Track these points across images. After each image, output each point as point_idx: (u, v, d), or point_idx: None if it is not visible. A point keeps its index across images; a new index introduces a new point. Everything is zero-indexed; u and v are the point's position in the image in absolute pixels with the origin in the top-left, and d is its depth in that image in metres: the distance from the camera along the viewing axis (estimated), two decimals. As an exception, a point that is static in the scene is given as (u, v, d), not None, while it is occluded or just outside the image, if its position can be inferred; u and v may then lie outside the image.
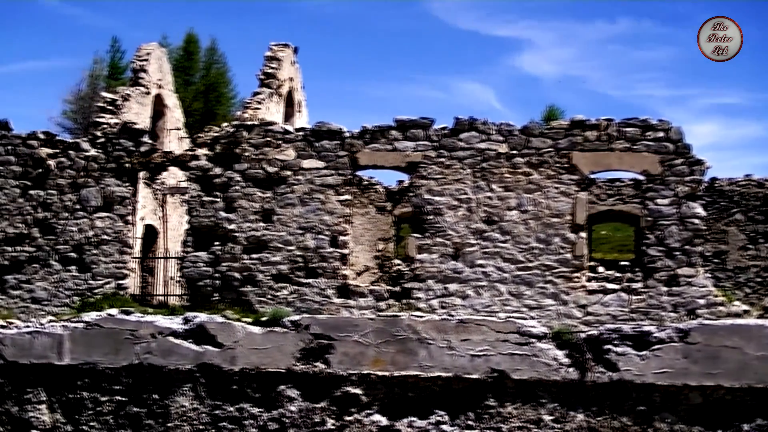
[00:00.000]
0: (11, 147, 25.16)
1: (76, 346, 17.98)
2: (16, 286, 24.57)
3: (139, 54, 36.09)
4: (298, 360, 17.09)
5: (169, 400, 17.46)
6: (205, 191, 24.45)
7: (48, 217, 24.75)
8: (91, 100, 48.73)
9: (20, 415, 18.00)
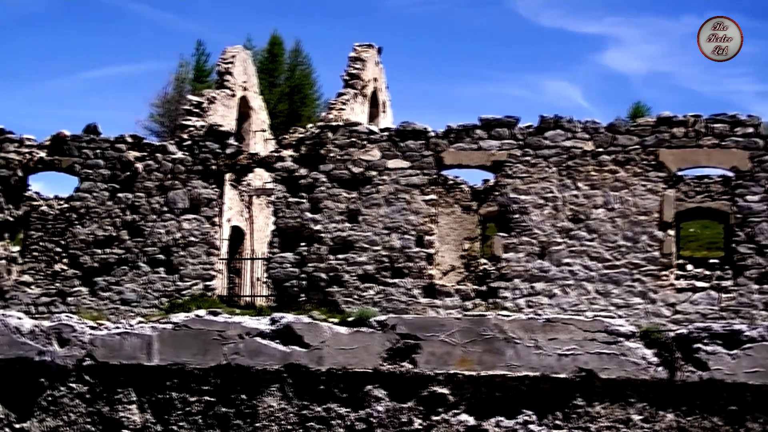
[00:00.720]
0: (100, 150, 25.48)
1: (165, 347, 18.16)
2: (106, 287, 24.87)
3: (224, 57, 36.39)
4: (384, 360, 17.08)
5: (256, 401, 17.56)
6: (291, 192, 24.55)
7: (136, 219, 25.02)
8: (177, 103, 49.23)
9: (111, 415, 18.22)
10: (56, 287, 25.36)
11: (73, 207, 25.68)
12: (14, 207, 26.06)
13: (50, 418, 18.59)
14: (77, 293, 24.98)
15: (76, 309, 24.06)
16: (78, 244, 25.28)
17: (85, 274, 25.09)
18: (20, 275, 26.28)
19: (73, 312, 22.36)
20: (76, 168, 25.51)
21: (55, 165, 25.88)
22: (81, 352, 18.60)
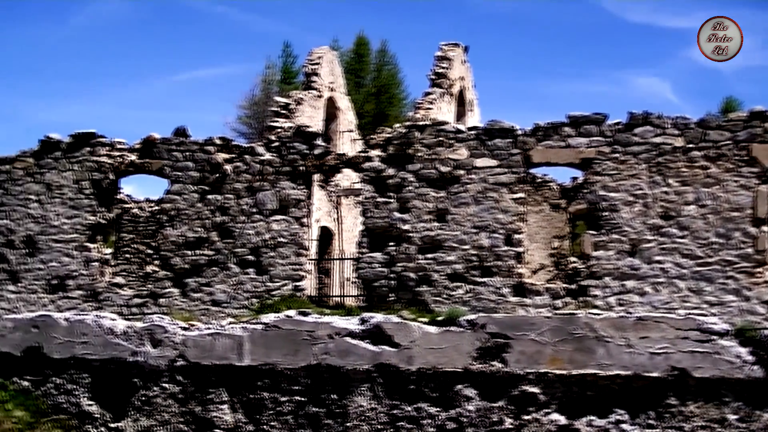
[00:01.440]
0: (189, 153, 25.74)
1: (256, 347, 18.28)
2: (197, 288, 25.11)
3: (311, 58, 36.57)
4: (474, 359, 17.03)
5: (347, 400, 17.60)
6: (379, 192, 24.57)
7: (226, 221, 25.23)
8: (264, 104, 49.55)
9: (203, 415, 18.40)
10: (148, 288, 25.68)
11: (164, 209, 25.97)
12: (106, 210, 26.44)
13: (144, 417, 18.82)
14: (169, 294, 25.26)
15: (167, 310, 24.35)
16: (169, 245, 25.57)
17: (176, 276, 25.37)
18: (113, 277, 26.65)
19: (165, 313, 22.64)
20: (166, 170, 25.81)
21: (145, 168, 26.20)
22: (173, 352, 18.82)
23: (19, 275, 26.30)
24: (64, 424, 19.28)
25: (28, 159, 26.77)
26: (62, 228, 26.15)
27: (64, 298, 25.78)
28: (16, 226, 26.50)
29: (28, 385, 19.95)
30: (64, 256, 26.06)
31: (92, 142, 26.39)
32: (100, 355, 19.38)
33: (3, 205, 26.68)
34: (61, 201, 26.25)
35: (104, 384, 19.31)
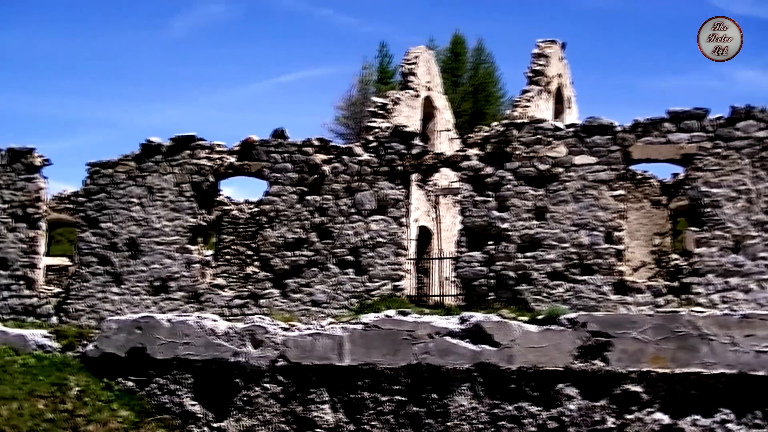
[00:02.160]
0: (288, 154, 25.88)
1: (356, 347, 18.34)
2: (297, 289, 25.24)
3: (407, 58, 36.58)
4: (575, 358, 16.90)
5: (447, 400, 17.58)
6: (477, 191, 24.47)
7: (324, 221, 25.32)
8: (362, 105, 49.66)
9: (305, 415, 18.51)
10: (248, 289, 25.89)
11: (263, 210, 26.15)
12: (207, 212, 26.72)
13: (246, 417, 19.00)
14: (269, 295, 25.43)
15: (268, 311, 24.52)
16: (268, 246, 25.74)
17: (276, 276, 25.52)
18: (214, 278, 26.94)
19: (265, 314, 22.80)
20: (264, 172, 25.98)
21: (244, 170, 26.41)
22: (274, 353, 18.96)
23: (122, 277, 26.71)
24: (167, 424, 19.54)
25: (129, 163, 27.16)
26: (164, 230, 26.48)
27: (167, 300, 26.12)
28: (118, 229, 26.91)
29: (133, 386, 20.27)
30: (166, 258, 26.39)
31: (192, 145, 26.69)
32: (202, 356, 19.61)
33: (106, 208, 27.11)
34: (163, 204, 26.59)
35: (206, 384, 19.54)
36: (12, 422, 18.91)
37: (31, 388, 20.11)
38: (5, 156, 28.30)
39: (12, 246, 27.85)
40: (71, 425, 19.26)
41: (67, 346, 22.17)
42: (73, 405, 19.78)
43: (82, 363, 21.26)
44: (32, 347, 22.32)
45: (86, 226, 27.36)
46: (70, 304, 27.11)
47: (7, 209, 28.03)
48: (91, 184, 27.47)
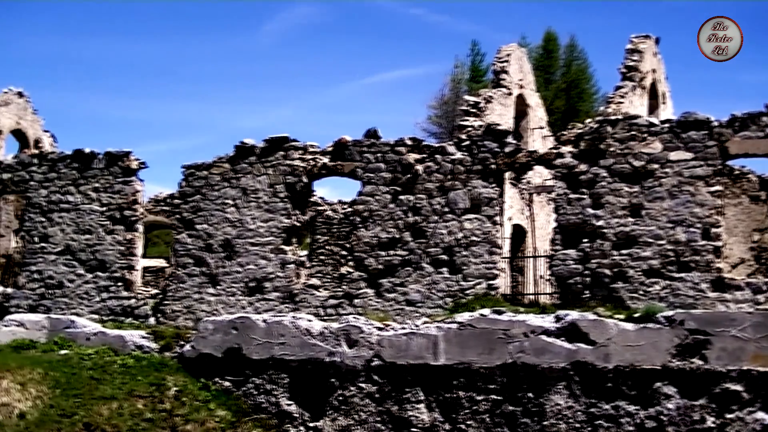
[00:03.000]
0: (380, 154, 25.90)
1: (451, 346, 18.33)
2: (391, 289, 25.24)
3: (499, 56, 36.46)
4: (673, 356, 16.71)
5: (543, 399, 17.49)
6: (571, 188, 24.26)
7: (418, 221, 25.28)
8: (454, 104, 49.62)
9: (400, 414, 18.54)
10: (343, 289, 25.95)
11: (357, 210, 26.21)
12: (301, 213, 26.84)
13: (342, 417, 19.08)
14: (363, 295, 25.47)
15: (362, 310, 24.57)
16: (362, 246, 25.78)
17: (371, 276, 25.55)
18: (308, 278, 27.04)
19: (360, 313, 22.87)
20: (358, 172, 26.03)
21: (337, 170, 26.48)
22: (369, 352, 19.02)
23: (218, 278, 26.96)
24: (264, 424, 19.71)
25: (224, 164, 27.41)
26: (258, 231, 26.67)
27: (262, 300, 26.29)
28: (214, 231, 27.17)
29: (229, 386, 20.49)
30: (261, 259, 26.57)
31: (285, 146, 26.83)
32: (298, 356, 19.75)
33: (201, 210, 27.39)
34: (257, 205, 26.78)
35: (302, 384, 19.67)
36: (112, 421, 19.22)
37: (131, 388, 20.42)
38: (102, 159, 28.74)
39: (110, 248, 28.28)
40: (170, 425, 19.53)
41: (164, 346, 22.49)
42: (172, 405, 20.05)
43: (179, 363, 21.55)
44: (131, 348, 22.67)
45: (182, 227, 27.67)
46: (167, 305, 27.45)
47: (105, 212, 28.47)
48: (187, 186, 27.78)
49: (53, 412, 19.51)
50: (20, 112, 40.89)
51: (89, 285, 28.43)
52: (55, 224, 29.04)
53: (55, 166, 29.38)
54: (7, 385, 20.03)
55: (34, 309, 28.60)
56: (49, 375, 20.82)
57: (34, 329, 24.05)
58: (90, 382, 20.69)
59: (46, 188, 29.33)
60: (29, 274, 29.34)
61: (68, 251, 28.81)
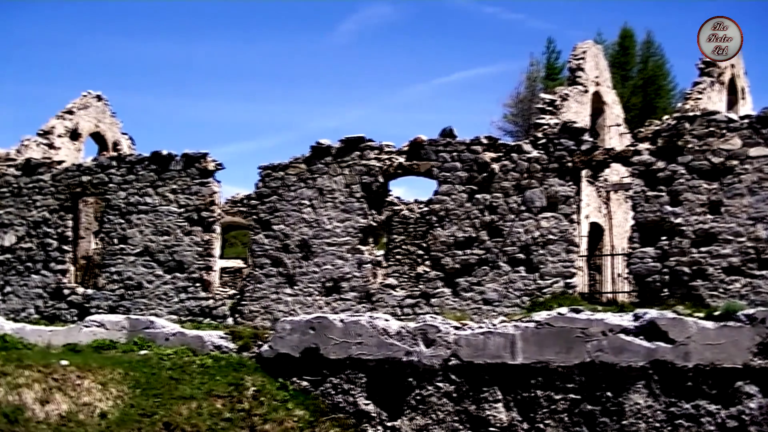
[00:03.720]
0: (456, 153, 25.84)
1: (528, 345, 18.27)
2: (468, 288, 25.18)
3: (575, 53, 36.23)
4: (755, 355, 16.51)
5: (622, 398, 17.37)
6: (649, 186, 24.01)
7: (494, 219, 25.19)
8: (529, 102, 49.51)
9: (478, 414, 18.52)
10: (420, 289, 25.94)
11: (433, 210, 26.19)
12: (377, 212, 26.87)
13: (419, 416, 19.09)
14: (440, 294, 25.43)
15: (439, 310, 24.55)
16: (439, 246, 25.75)
17: (447, 276, 25.50)
18: (385, 278, 27.06)
19: (437, 313, 22.86)
20: (433, 171, 26.00)
21: (413, 169, 26.47)
22: (446, 351, 19.02)
23: (295, 278, 27.08)
24: (342, 423, 19.78)
25: (300, 165, 27.53)
26: (335, 231, 26.76)
27: (339, 300, 26.37)
28: (290, 231, 27.30)
29: (307, 385, 20.60)
30: (338, 259, 26.65)
31: (361, 146, 26.88)
32: (375, 355, 19.79)
33: (278, 210, 27.54)
34: (333, 205, 26.86)
35: (379, 383, 19.72)
36: (192, 421, 19.42)
37: (209, 388, 20.61)
38: (180, 161, 29.01)
39: (188, 249, 28.55)
40: (248, 424, 19.68)
41: (242, 346, 22.67)
42: (250, 404, 20.20)
43: (257, 363, 21.71)
44: (209, 348, 22.90)
45: (259, 228, 27.85)
46: (245, 306, 27.63)
47: (183, 213, 28.75)
48: (263, 186, 27.95)
49: (133, 411, 19.77)
50: (99, 115, 41.44)
51: (168, 286, 28.73)
52: (133, 226, 29.39)
53: (134, 168, 29.74)
54: (88, 384, 20.34)
55: (114, 310, 28.98)
56: (129, 375, 21.10)
57: (114, 330, 24.39)
58: (169, 382, 20.93)
59: (125, 190, 29.69)
60: (109, 276, 29.73)
61: (147, 252, 29.14)
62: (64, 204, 30.82)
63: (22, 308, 30.75)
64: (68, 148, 39.05)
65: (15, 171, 31.89)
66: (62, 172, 31.04)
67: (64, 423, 19.11)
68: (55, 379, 20.41)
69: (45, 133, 38.10)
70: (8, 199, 31.68)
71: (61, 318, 29.87)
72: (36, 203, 31.17)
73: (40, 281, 30.69)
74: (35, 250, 30.96)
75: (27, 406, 19.24)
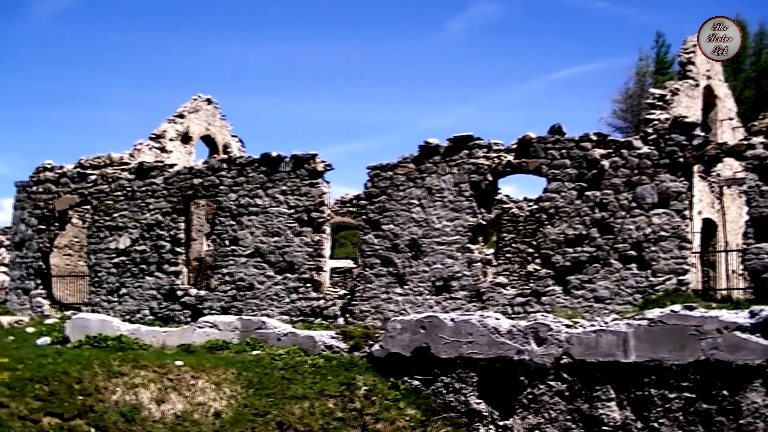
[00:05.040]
0: (565, 150, 25.65)
1: (641, 343, 18.04)
2: (579, 286, 24.97)
3: (685, 46, 35.69)
4: None
5: (739, 397, 17.05)
6: (764, 180, 23.55)
7: (605, 216, 24.94)
8: (639, 97, 48.92)
9: (590, 413, 18.34)
10: (530, 287, 25.83)
11: (542, 207, 26.04)
12: (486, 211, 26.80)
13: (531, 415, 18.97)
14: (551, 292, 25.28)
15: (550, 308, 24.41)
16: (549, 243, 25.59)
17: (558, 274, 25.34)
18: (495, 277, 26.98)
19: (548, 311, 22.71)
20: (542, 169, 25.85)
21: (522, 167, 26.35)
22: (558, 350, 18.88)
23: (405, 278, 27.14)
24: (454, 422, 19.75)
25: (408, 165, 27.57)
26: (444, 230, 26.74)
27: (449, 299, 26.35)
28: (400, 231, 27.36)
29: (418, 384, 20.61)
30: (448, 258, 26.63)
31: (469, 144, 26.83)
32: (486, 354, 19.73)
33: (387, 210, 27.62)
34: (442, 204, 26.85)
35: (490, 382, 19.65)
36: (304, 420, 19.56)
37: (321, 388, 20.74)
38: (289, 163, 29.26)
39: (298, 250, 28.78)
40: (360, 424, 19.74)
41: (353, 346, 22.75)
42: (362, 404, 20.27)
43: (368, 363, 21.77)
44: (320, 348, 23.02)
45: (369, 228, 27.97)
46: (355, 306, 27.78)
47: (293, 214, 28.99)
48: (372, 187, 28.07)
49: (247, 411, 19.98)
50: (209, 118, 42.05)
51: (278, 286, 29.00)
52: (244, 227, 29.73)
53: (244, 170, 30.09)
54: (202, 385, 20.62)
55: (226, 311, 29.35)
56: (242, 375, 21.34)
57: (226, 330, 24.67)
58: (282, 382, 21.11)
59: (236, 192, 30.05)
60: (221, 277, 30.11)
61: (258, 253, 29.46)
62: (177, 206, 31.32)
63: (137, 309, 31.33)
64: (179, 152, 39.70)
65: (128, 175, 32.52)
66: (174, 175, 31.56)
67: (180, 422, 19.41)
68: (170, 379, 20.75)
69: (157, 137, 38.78)
70: (122, 203, 32.31)
71: (174, 319, 30.36)
72: (149, 206, 31.74)
73: (154, 283, 31.23)
74: (149, 252, 31.52)
75: (143, 406, 19.60)
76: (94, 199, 33.10)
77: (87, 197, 33.40)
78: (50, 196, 34.15)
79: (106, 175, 33.02)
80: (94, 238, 32.94)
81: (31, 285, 34.09)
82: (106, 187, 32.85)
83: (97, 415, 18.85)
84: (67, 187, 33.86)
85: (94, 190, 33.14)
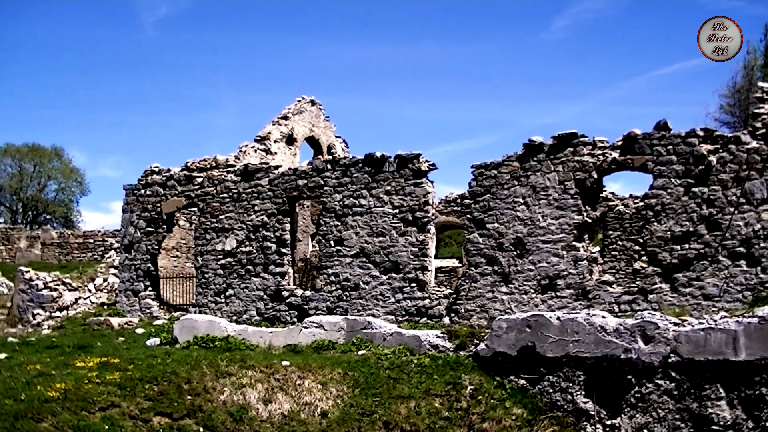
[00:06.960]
0: (671, 146, 25.34)
1: (752, 341, 17.76)
2: (686, 283, 24.66)
3: (794, 39, 35.08)
4: None
5: None
6: None
7: (713, 213, 24.60)
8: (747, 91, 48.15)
9: (700, 412, 18.10)
10: (637, 285, 25.56)
11: (649, 205, 25.76)
12: (591, 208, 26.60)
13: (639, 414, 18.80)
14: (658, 290, 25.00)
15: (657, 306, 24.14)
16: (655, 241, 25.31)
17: (665, 271, 25.05)
18: (601, 275, 26.77)
19: (655, 309, 22.47)
20: (648, 165, 25.57)
21: (627, 164, 26.10)
22: (666, 348, 18.67)
23: (510, 277, 27.05)
24: (560, 421, 19.65)
25: (513, 163, 27.48)
26: (549, 229, 26.60)
27: (555, 298, 26.21)
28: (504, 229, 27.28)
29: (524, 383, 20.54)
30: (553, 256, 26.49)
31: (574, 142, 26.65)
32: (593, 353, 19.60)
33: (491, 209, 27.56)
34: (547, 202, 26.71)
35: (597, 381, 19.51)
36: (410, 420, 19.59)
37: (427, 387, 20.76)
38: (393, 163, 29.34)
39: (403, 250, 28.85)
40: (466, 423, 19.73)
41: (459, 345, 22.75)
42: (468, 403, 20.25)
43: (474, 362, 21.75)
44: (426, 347, 23.06)
45: (473, 227, 27.93)
46: (461, 305, 27.76)
47: (397, 214, 29.07)
48: (477, 185, 28.01)
49: (353, 411, 20.09)
50: (313, 120, 42.38)
51: (383, 286, 29.10)
52: (349, 227, 29.89)
53: (348, 170, 30.25)
54: (309, 384, 20.78)
55: (332, 311, 29.55)
56: (348, 375, 21.46)
57: (332, 330, 24.82)
58: (388, 382, 21.18)
59: (340, 192, 30.22)
60: (326, 277, 30.31)
61: (363, 254, 29.59)
62: (282, 208, 31.61)
63: (243, 310, 31.69)
64: (284, 153, 40.07)
65: (234, 177, 32.89)
66: (279, 177, 31.85)
67: (287, 422, 19.59)
68: (276, 379, 20.96)
69: (262, 138, 39.21)
70: (228, 205, 32.69)
71: (281, 319, 30.65)
72: (254, 207, 32.07)
73: (260, 284, 31.55)
74: (255, 253, 31.85)
75: (251, 406, 19.83)
76: (201, 201, 33.57)
77: (194, 199, 33.88)
78: (158, 198, 34.71)
79: (212, 177, 33.45)
80: (200, 239, 33.40)
81: (140, 287, 34.69)
82: (213, 189, 33.28)
83: (206, 415, 19.13)
84: (174, 190, 34.38)
85: (200, 192, 33.60)
